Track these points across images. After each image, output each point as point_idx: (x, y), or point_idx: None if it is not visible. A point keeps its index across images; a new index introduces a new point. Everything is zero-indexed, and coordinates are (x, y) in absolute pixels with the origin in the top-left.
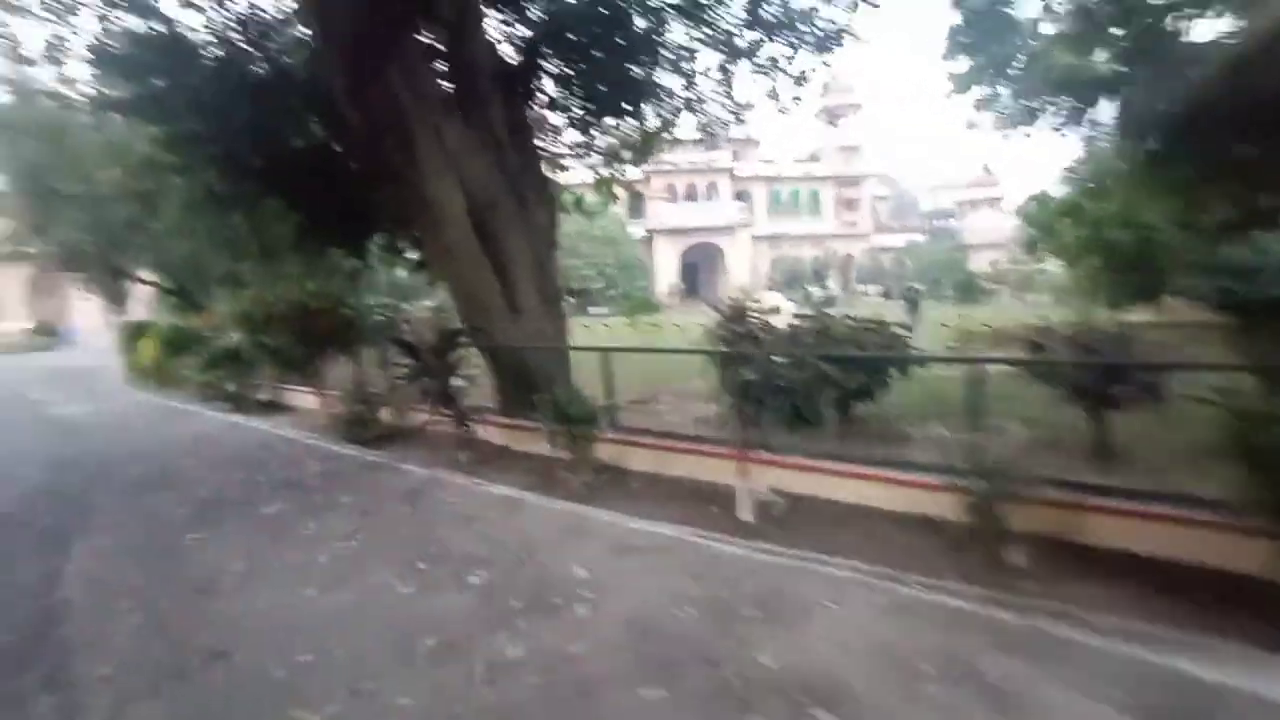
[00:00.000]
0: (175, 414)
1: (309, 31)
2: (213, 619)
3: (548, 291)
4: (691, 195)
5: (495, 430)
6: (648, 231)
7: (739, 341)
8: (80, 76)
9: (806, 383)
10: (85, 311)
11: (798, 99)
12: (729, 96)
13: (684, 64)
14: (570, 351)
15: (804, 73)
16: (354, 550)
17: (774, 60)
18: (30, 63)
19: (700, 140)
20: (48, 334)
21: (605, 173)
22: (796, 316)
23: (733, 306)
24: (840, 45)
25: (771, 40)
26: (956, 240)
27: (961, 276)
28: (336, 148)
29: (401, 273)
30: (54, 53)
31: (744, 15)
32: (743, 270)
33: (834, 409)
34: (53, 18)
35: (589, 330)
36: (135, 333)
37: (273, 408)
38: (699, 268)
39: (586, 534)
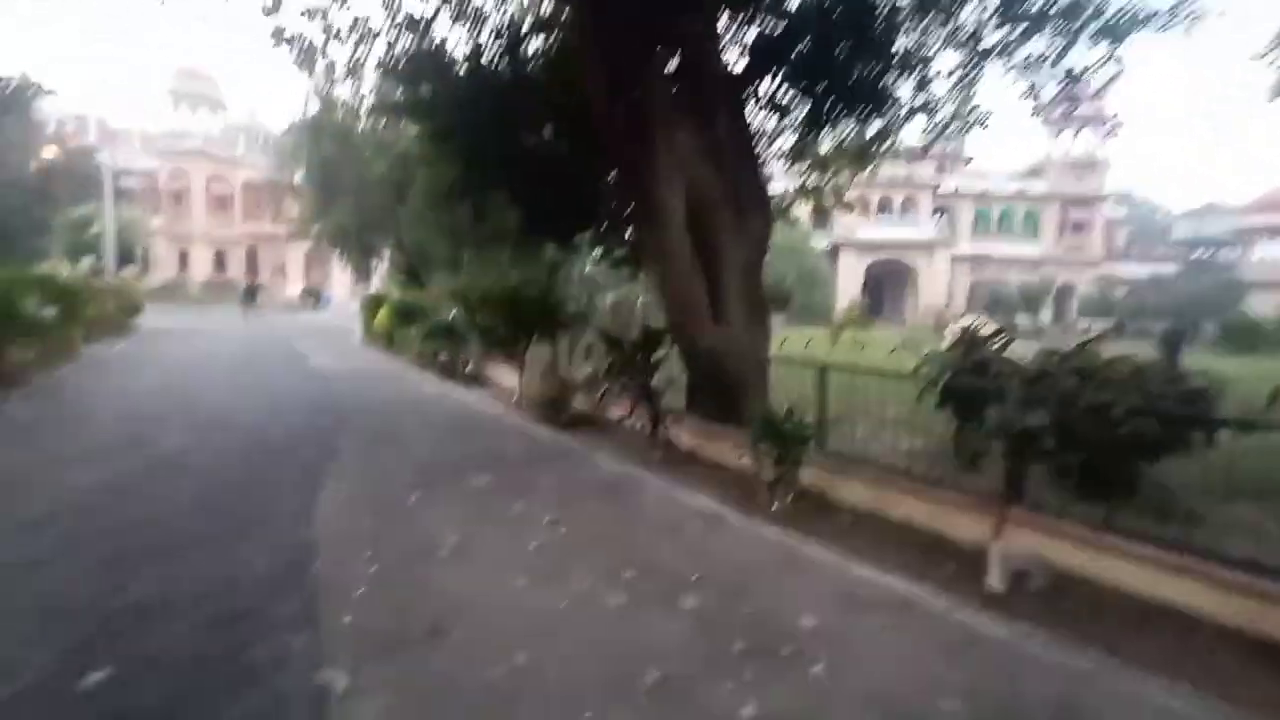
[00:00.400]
0: (399, 375)
1: (551, 42)
2: (433, 588)
3: (754, 301)
4: (885, 208)
5: (685, 434)
6: (832, 244)
7: (969, 372)
8: (367, 88)
9: (1097, 436)
10: (339, 282)
11: (1068, 101)
12: (967, 101)
13: (918, 65)
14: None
15: (1073, 72)
16: (559, 542)
17: (1039, 58)
18: (337, 79)
19: (916, 151)
20: (313, 298)
21: (815, 182)
22: (1049, 352)
23: (965, 331)
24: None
25: (1035, 33)
26: (1228, 275)
27: (1236, 319)
28: (564, 148)
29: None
30: (354, 69)
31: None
32: (936, 292)
33: (1113, 471)
34: (357, 39)
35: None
36: (374, 303)
37: (475, 380)
38: (884, 285)
39: (802, 570)
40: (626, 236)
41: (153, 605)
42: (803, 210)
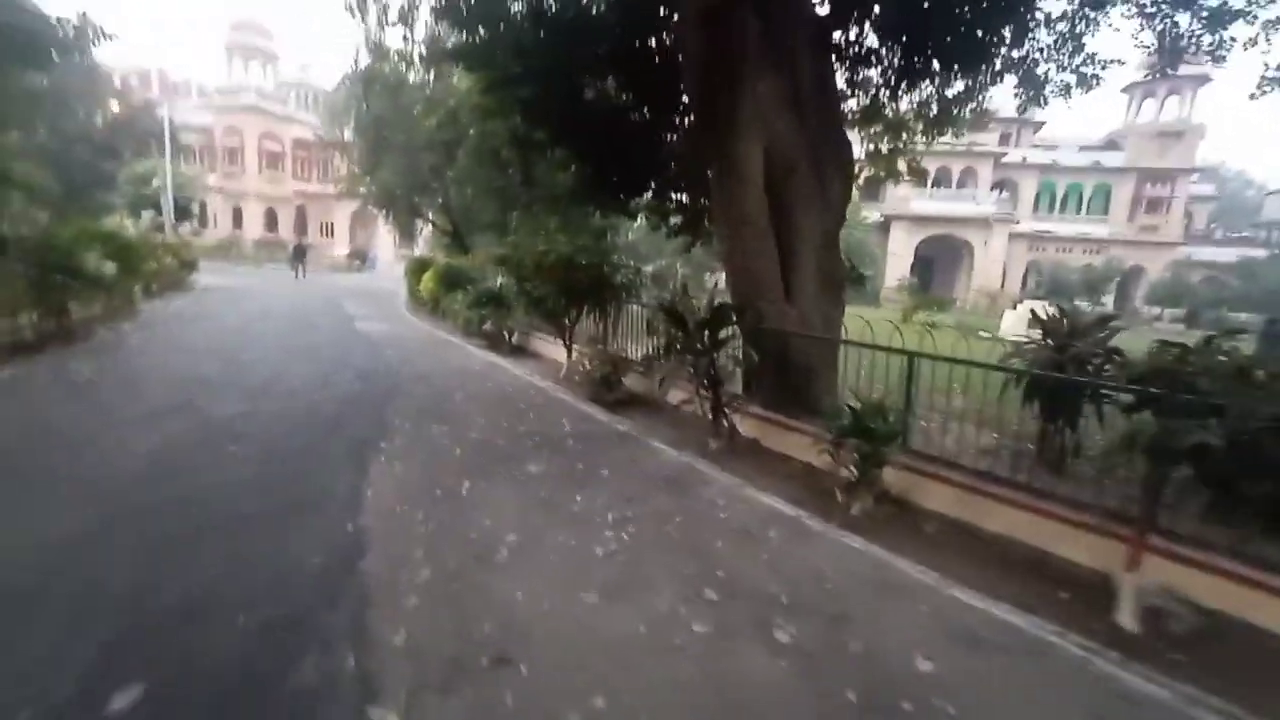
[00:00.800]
0: (444, 345)
1: None
2: (494, 601)
3: (830, 277)
4: (942, 181)
5: (746, 420)
6: (884, 216)
7: (1065, 363)
8: (420, 35)
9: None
10: (384, 244)
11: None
12: (1077, 55)
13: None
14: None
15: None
16: (628, 547)
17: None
18: (389, 24)
19: (985, 116)
20: (359, 259)
21: (886, 147)
22: (1163, 343)
23: (1058, 317)
24: None
25: None
26: None
27: None
28: (627, 101)
29: (633, 235)
30: (408, 13)
31: None
32: (990, 271)
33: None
34: None
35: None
36: (419, 266)
37: (521, 352)
38: (935, 263)
39: (901, 594)
40: (685, 201)
41: (194, 605)
42: (861, 178)
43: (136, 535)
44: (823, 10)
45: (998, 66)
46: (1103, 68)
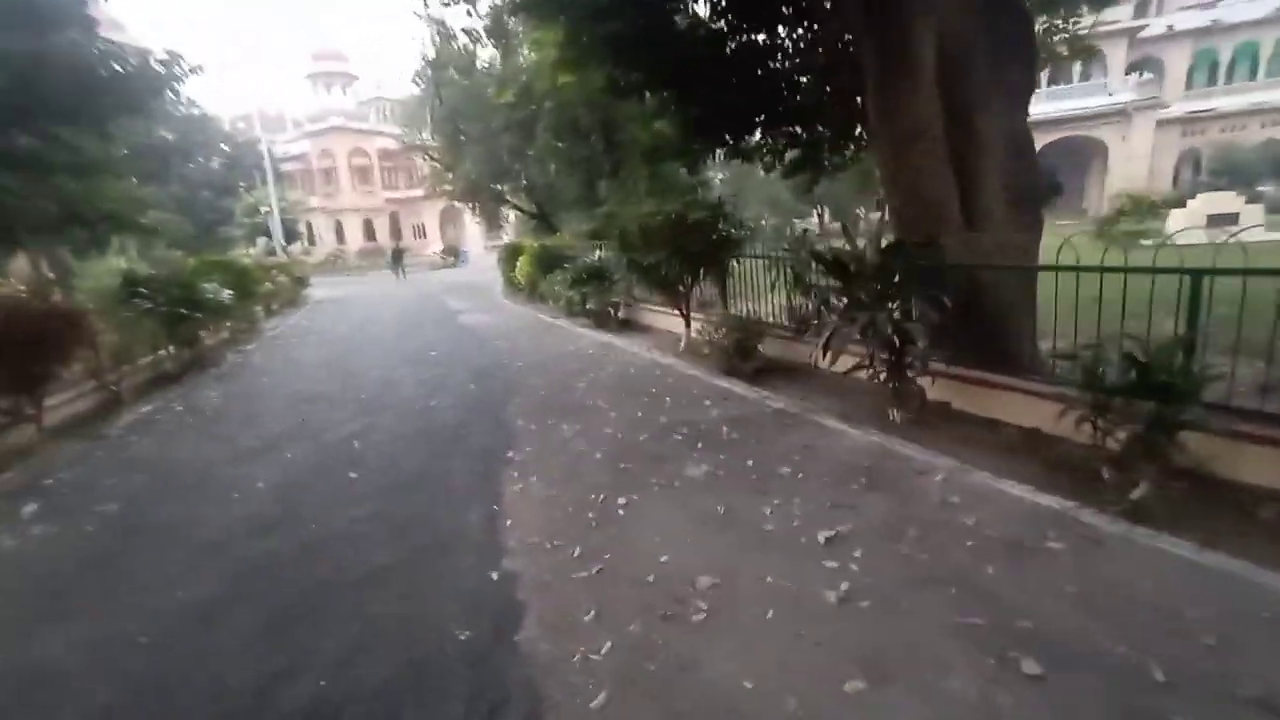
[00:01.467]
0: (550, 329)
1: None
2: (716, 699)
3: (1021, 190)
4: (1059, 77)
5: (929, 379)
6: None
7: None
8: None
9: None
10: (473, 237)
11: None
12: None
13: None
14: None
15: None
16: (866, 586)
17: None
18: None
19: None
20: (452, 254)
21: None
22: None
23: None
24: None
25: None
26: None
27: None
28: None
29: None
30: None
31: None
32: (1131, 172)
33: None
34: None
35: None
36: (510, 252)
37: (630, 327)
38: (1056, 170)
39: None
40: (801, 133)
41: (324, 708)
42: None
43: (259, 603)
44: None
45: None
46: None
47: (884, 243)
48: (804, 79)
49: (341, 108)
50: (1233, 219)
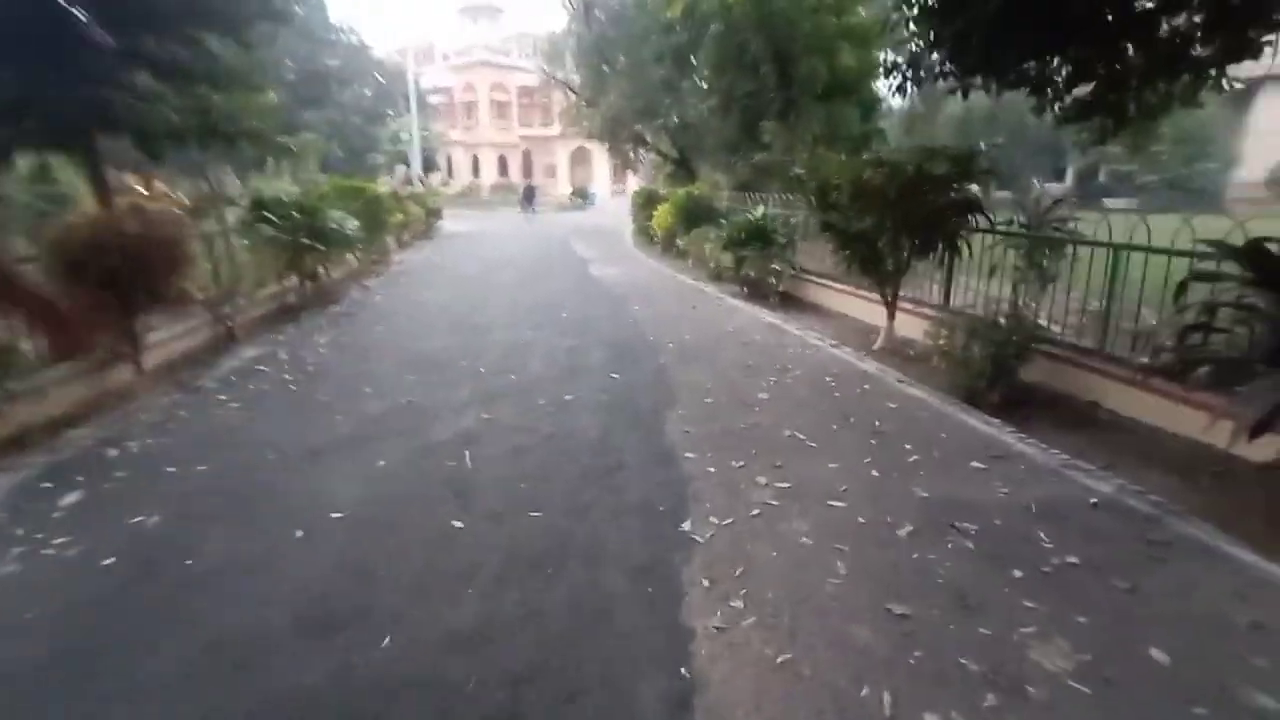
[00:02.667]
0: (694, 294)
1: None
2: None
3: None
4: None
5: None
6: (1243, 82)
7: None
8: None
9: None
10: (601, 180)
11: None
12: None
13: None
14: None
15: None
16: None
17: None
18: None
19: None
20: (580, 196)
21: None
22: None
23: None
24: None
25: None
26: None
27: None
28: None
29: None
30: None
31: None
32: None
33: None
34: None
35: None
36: (645, 199)
37: (795, 304)
38: None
39: None
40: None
41: None
42: None
43: None
44: None
45: None
46: None
47: None
48: None
49: (486, 42)
50: None
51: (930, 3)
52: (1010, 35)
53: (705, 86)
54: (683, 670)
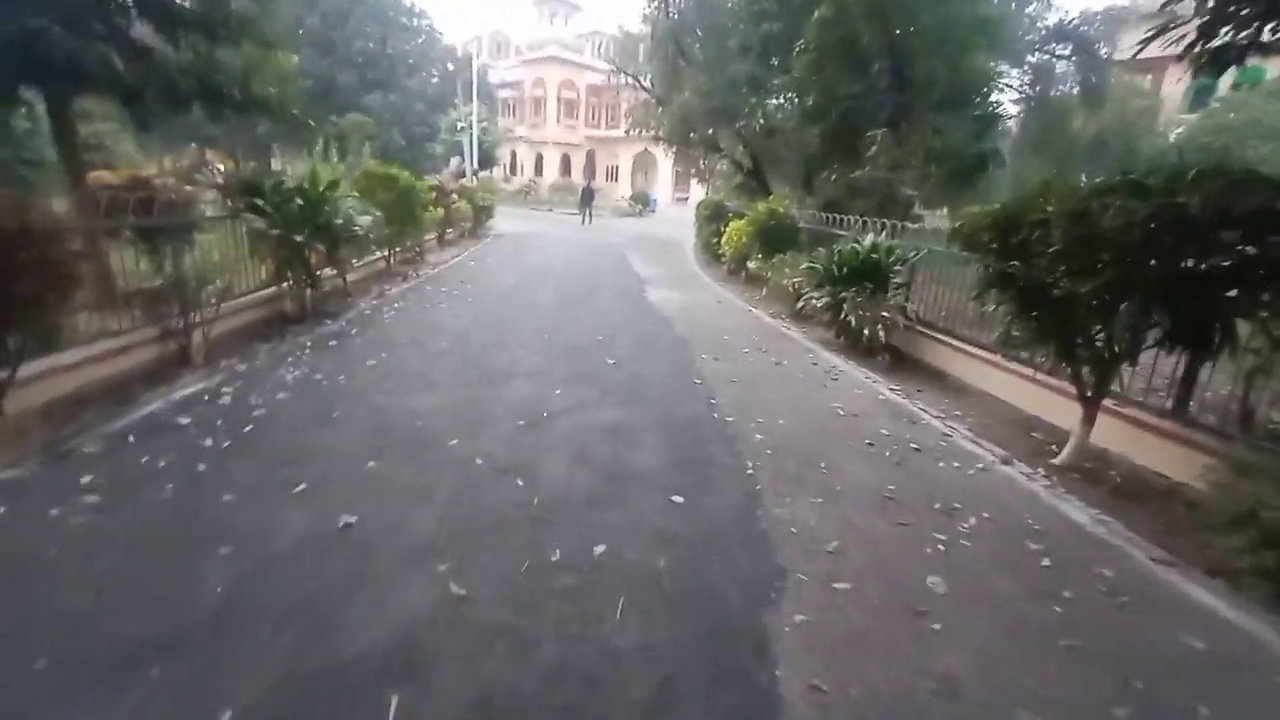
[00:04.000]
0: (779, 340)
1: None
2: None
3: None
4: None
5: None
6: None
7: None
8: None
9: None
10: (664, 186)
11: None
12: None
13: None
14: None
15: None
16: None
17: None
18: None
19: None
20: (640, 201)
21: None
22: None
23: None
24: None
25: None
26: None
27: None
28: None
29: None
30: None
31: None
32: None
33: None
34: None
35: None
36: (713, 212)
37: (911, 365)
38: None
39: None
40: None
41: None
42: None
43: None
44: None
45: None
46: None
47: None
48: None
49: (560, 38)
50: None
51: None
52: None
53: (796, 85)
54: None
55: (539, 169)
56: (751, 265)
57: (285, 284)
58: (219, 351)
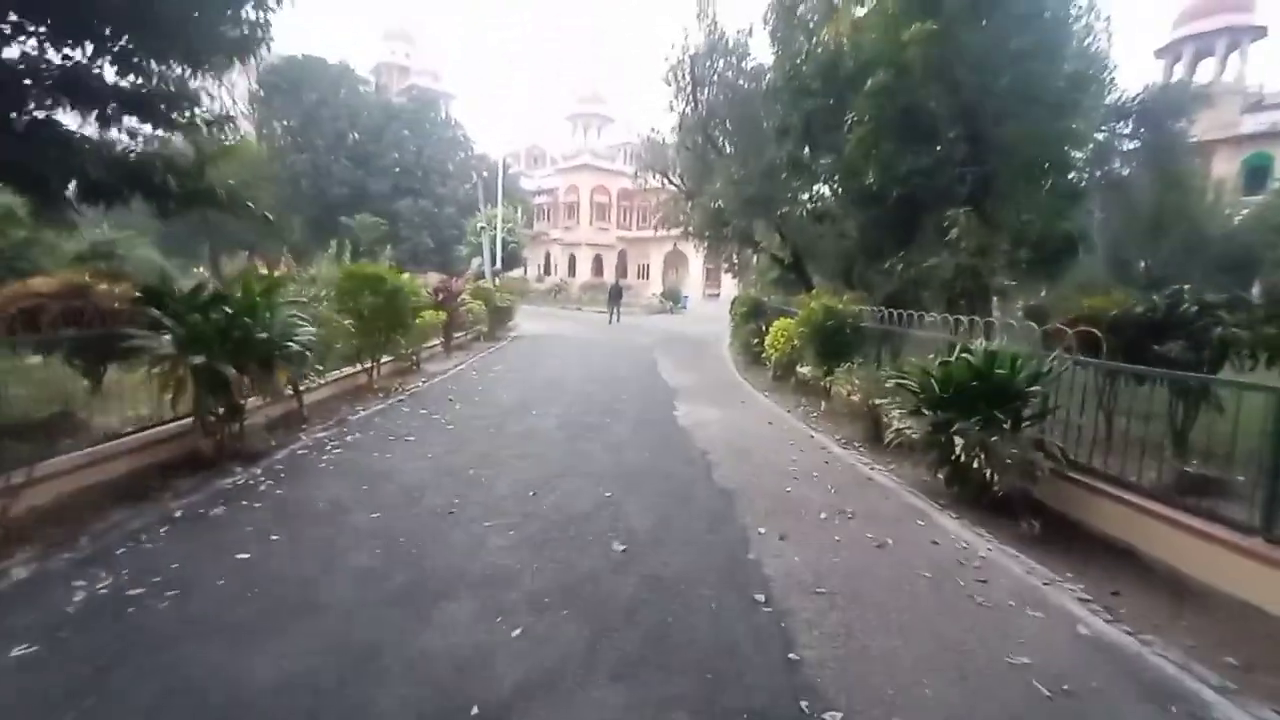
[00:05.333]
0: (864, 490)
1: None
2: None
3: None
4: None
5: None
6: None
7: None
8: None
9: None
10: (695, 282)
11: None
12: None
13: None
14: None
15: None
16: None
17: None
18: None
19: None
20: (671, 299)
21: None
22: None
23: None
24: None
25: None
26: None
27: None
28: None
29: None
30: None
31: None
32: None
33: None
34: None
35: None
36: (751, 309)
37: (1074, 534)
38: None
39: None
40: None
41: None
42: None
43: None
44: None
45: None
46: None
47: None
48: None
49: (593, 148)
50: None
51: None
52: None
53: (846, 166)
54: None
55: (572, 269)
56: (804, 370)
57: (202, 416)
58: (66, 516)
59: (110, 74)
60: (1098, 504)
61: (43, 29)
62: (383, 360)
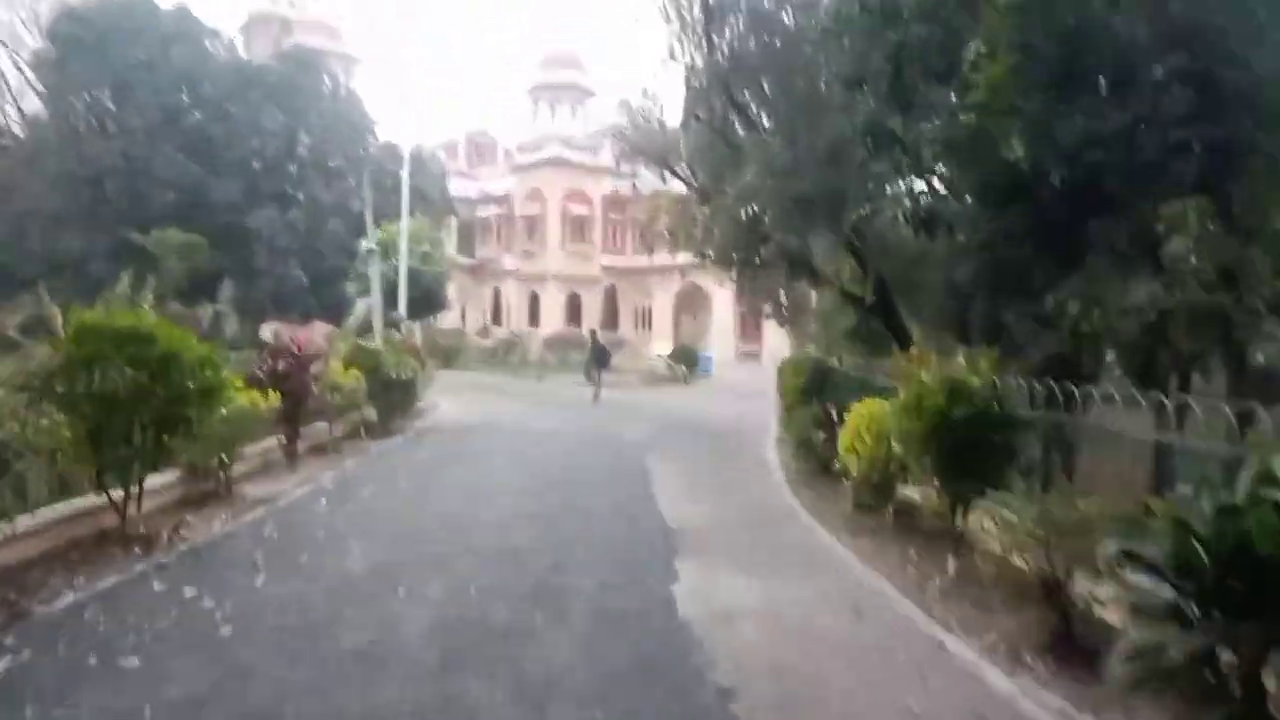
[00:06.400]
0: None
1: None
2: None
3: None
4: None
5: None
6: None
7: None
8: None
9: None
10: (722, 333)
11: None
12: None
13: None
14: None
15: None
16: None
17: None
18: None
19: None
20: (685, 362)
21: None
22: None
23: None
24: None
25: None
26: None
27: None
28: None
29: None
30: None
31: None
32: None
33: None
34: None
35: None
36: (810, 382)
37: None
38: None
39: None
40: None
41: None
42: None
43: None
44: None
45: None
46: None
47: None
48: None
49: (565, 134)
50: None
51: None
52: None
53: (967, 136)
54: None
55: (534, 316)
56: (910, 493)
57: None
58: None
59: None
60: None
61: None
62: (159, 480)
